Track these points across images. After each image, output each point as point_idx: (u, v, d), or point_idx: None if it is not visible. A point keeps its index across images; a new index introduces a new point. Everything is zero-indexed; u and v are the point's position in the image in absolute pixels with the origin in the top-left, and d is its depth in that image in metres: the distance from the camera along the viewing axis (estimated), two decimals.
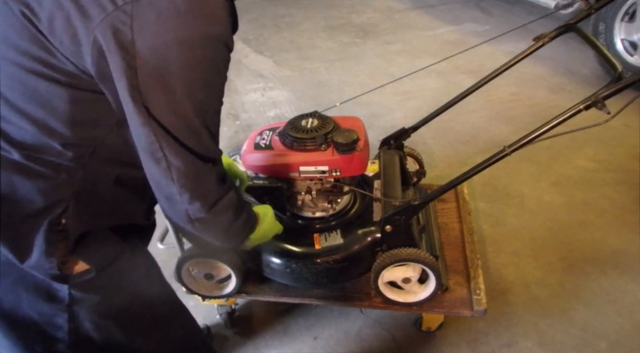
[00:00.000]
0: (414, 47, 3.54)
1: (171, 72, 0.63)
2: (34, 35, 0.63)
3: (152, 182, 0.74)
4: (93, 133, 0.72)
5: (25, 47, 0.64)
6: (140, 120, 0.65)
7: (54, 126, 0.69)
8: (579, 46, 3.25)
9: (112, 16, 0.59)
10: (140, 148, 0.70)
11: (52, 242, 0.70)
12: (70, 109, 0.68)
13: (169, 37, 0.61)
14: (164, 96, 0.65)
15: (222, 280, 1.43)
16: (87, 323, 0.78)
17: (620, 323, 1.61)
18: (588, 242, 1.92)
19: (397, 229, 1.34)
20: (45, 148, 0.69)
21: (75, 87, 0.66)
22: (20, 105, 0.68)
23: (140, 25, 0.59)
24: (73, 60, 0.64)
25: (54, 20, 0.62)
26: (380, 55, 3.45)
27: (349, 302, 1.44)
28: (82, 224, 0.74)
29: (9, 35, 0.66)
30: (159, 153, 0.68)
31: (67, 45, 0.63)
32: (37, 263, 0.71)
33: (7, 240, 0.71)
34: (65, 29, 0.62)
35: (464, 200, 1.76)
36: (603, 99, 1.12)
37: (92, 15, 0.60)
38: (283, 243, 1.39)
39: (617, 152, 2.39)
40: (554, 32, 1.48)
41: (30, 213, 0.70)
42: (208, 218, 0.78)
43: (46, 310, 0.76)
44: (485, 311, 1.37)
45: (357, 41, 3.68)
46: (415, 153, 1.79)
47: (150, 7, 0.59)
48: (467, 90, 1.59)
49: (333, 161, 1.27)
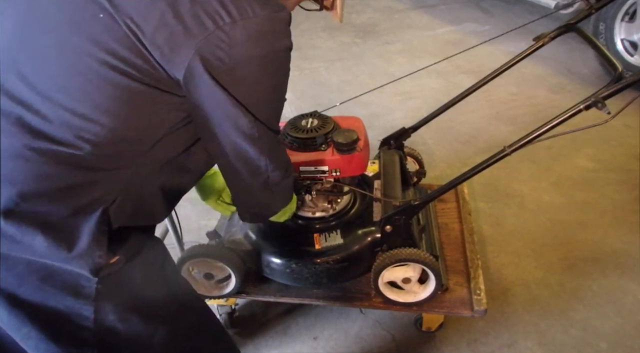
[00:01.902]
0: (414, 47, 3.54)
1: (259, 77, 0.80)
2: (133, 44, 0.71)
3: (240, 161, 0.88)
4: (153, 133, 0.80)
5: (117, 49, 0.71)
6: (238, 111, 0.80)
7: (120, 125, 0.76)
8: (580, 46, 3.25)
9: (213, 35, 0.71)
10: (236, 132, 0.83)
11: (101, 232, 0.76)
12: (142, 108, 0.77)
13: (257, 53, 0.76)
14: (255, 95, 0.82)
15: (222, 280, 1.43)
16: (111, 316, 0.82)
17: (620, 323, 1.61)
18: (588, 242, 1.92)
19: (397, 229, 1.34)
20: (108, 145, 0.76)
21: (154, 87, 0.75)
22: (94, 100, 0.74)
23: (235, 42, 0.73)
24: (166, 68, 0.73)
25: (157, 34, 0.71)
26: (380, 55, 3.45)
27: (349, 302, 1.44)
28: (121, 220, 0.80)
29: (98, 37, 0.71)
30: (256, 134, 0.85)
31: (166, 55, 0.72)
32: (84, 252, 0.75)
33: (55, 228, 0.74)
34: (168, 42, 0.71)
35: (464, 200, 1.76)
36: (603, 99, 1.12)
37: (195, 33, 0.71)
38: (283, 243, 1.39)
39: (617, 152, 2.39)
40: (554, 32, 1.48)
41: (84, 203, 0.75)
42: (282, 183, 0.97)
43: (73, 304, 0.80)
44: (485, 311, 1.37)
45: (357, 41, 3.68)
46: (415, 153, 1.79)
47: (243, 28, 0.73)
48: (467, 90, 1.59)
49: (333, 161, 1.27)
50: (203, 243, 1.43)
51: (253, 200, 1.01)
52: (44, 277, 0.78)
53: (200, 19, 0.71)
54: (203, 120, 0.82)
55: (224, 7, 0.71)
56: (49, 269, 0.77)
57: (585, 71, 3.10)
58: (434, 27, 3.83)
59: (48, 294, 0.79)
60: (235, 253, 1.39)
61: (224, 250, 1.39)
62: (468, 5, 4.19)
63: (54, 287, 0.78)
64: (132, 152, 0.79)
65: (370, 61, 3.37)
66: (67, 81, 0.73)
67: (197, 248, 1.38)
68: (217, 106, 0.79)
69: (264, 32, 0.75)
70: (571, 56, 3.25)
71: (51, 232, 0.73)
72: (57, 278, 0.78)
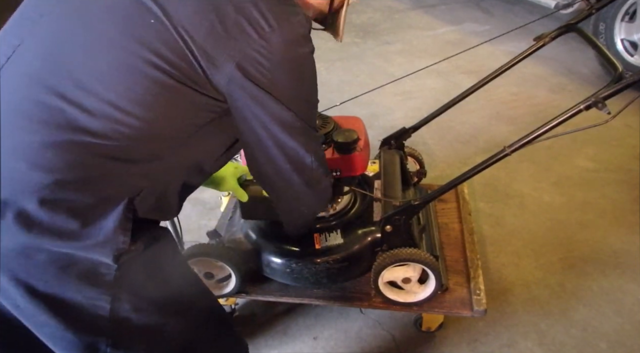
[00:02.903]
0: (414, 47, 3.54)
1: (295, 78, 0.88)
2: (181, 48, 0.77)
3: (287, 161, 0.94)
4: (183, 131, 0.85)
5: (163, 51, 0.76)
6: (281, 109, 0.86)
7: (155, 120, 0.81)
8: (580, 46, 3.24)
9: (255, 42, 0.79)
10: (283, 130, 0.89)
11: (127, 218, 0.81)
12: (176, 105, 0.81)
13: (291, 56, 0.84)
14: (293, 95, 0.89)
15: (222, 280, 1.43)
16: (126, 305, 0.86)
17: (620, 323, 1.61)
18: (588, 242, 1.92)
19: (397, 229, 1.34)
20: (142, 139, 0.81)
21: (192, 88, 0.80)
22: (134, 95, 0.78)
23: (273, 48, 0.80)
24: (208, 73, 0.79)
25: (206, 42, 0.77)
26: (380, 55, 3.45)
27: (348, 302, 1.44)
28: (141, 211, 0.85)
29: (147, 39, 0.77)
30: (301, 129, 0.91)
31: (212, 61, 0.78)
32: (110, 237, 0.80)
33: (85, 215, 0.78)
34: (214, 49, 0.78)
35: (464, 200, 1.76)
36: (603, 99, 1.12)
37: (239, 41, 0.78)
38: (283, 243, 1.39)
39: (617, 152, 2.39)
40: (554, 32, 1.48)
41: (114, 192, 0.80)
42: (324, 181, 1.03)
43: (91, 293, 0.83)
44: (485, 311, 1.36)
45: (357, 41, 3.68)
46: (416, 153, 1.79)
47: (279, 35, 0.80)
48: (468, 90, 1.59)
49: (333, 161, 1.27)
50: (203, 242, 1.43)
51: (298, 203, 1.07)
52: (63, 266, 0.80)
53: (243, 28, 0.78)
54: (249, 126, 0.88)
55: (263, 16, 0.79)
56: (70, 259, 0.80)
57: (586, 71, 3.10)
58: (434, 27, 3.83)
59: (67, 284, 0.82)
60: (235, 253, 1.39)
61: (225, 250, 1.39)
62: (468, 5, 4.19)
63: (73, 276, 0.81)
64: (164, 147, 0.84)
65: (370, 61, 3.37)
66: (111, 77, 0.78)
67: (198, 247, 1.38)
68: (261, 108, 0.85)
69: (297, 37, 0.83)
70: (571, 56, 3.25)
71: (81, 218, 0.78)
72: (77, 267, 0.81)
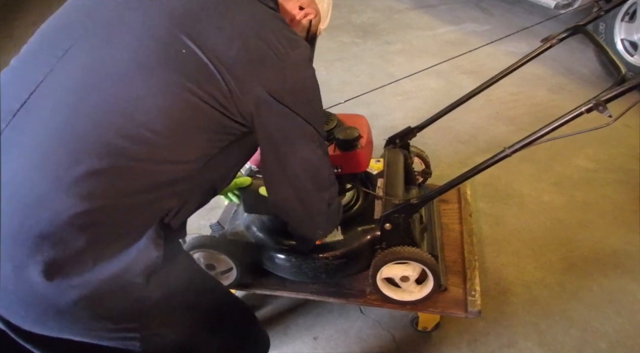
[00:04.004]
0: (414, 47, 3.54)
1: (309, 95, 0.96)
2: (212, 73, 0.82)
3: (311, 179, 0.99)
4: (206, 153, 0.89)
5: (194, 74, 0.82)
6: (306, 123, 0.94)
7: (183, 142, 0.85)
8: (580, 46, 3.24)
9: (275, 64, 0.87)
10: (309, 145, 0.96)
11: (160, 236, 0.85)
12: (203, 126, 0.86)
13: (303, 75, 0.93)
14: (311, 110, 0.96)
15: (224, 272, 1.45)
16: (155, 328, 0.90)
17: (620, 323, 1.61)
18: (588, 242, 1.92)
19: (396, 227, 1.34)
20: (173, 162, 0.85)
21: (219, 110, 0.85)
22: (167, 117, 0.82)
23: (291, 69, 0.89)
24: (234, 95, 0.84)
25: (234, 66, 0.83)
26: (380, 55, 3.45)
27: (344, 298, 1.45)
28: (175, 223, 0.91)
29: (180, 66, 0.81)
30: (323, 145, 1.00)
31: (240, 83, 0.84)
32: (143, 251, 0.83)
33: (122, 237, 0.81)
34: (243, 72, 0.84)
35: (466, 201, 1.76)
36: (605, 102, 1.11)
37: (262, 64, 0.86)
38: (284, 238, 1.39)
39: (617, 152, 2.39)
40: (562, 33, 1.47)
41: (149, 214, 0.84)
42: (335, 201, 1.08)
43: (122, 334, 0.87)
44: (479, 312, 1.37)
45: (357, 41, 3.68)
46: (424, 154, 1.80)
47: (294, 57, 0.89)
48: (473, 90, 1.58)
49: (334, 158, 1.27)
50: (206, 234, 1.46)
51: (314, 226, 1.10)
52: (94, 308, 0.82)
53: (265, 51, 0.86)
54: (274, 145, 0.94)
55: (279, 41, 0.88)
56: (100, 293, 0.81)
57: (585, 71, 3.10)
58: (434, 27, 3.83)
59: (99, 332, 0.85)
60: (236, 246, 1.40)
61: (226, 242, 1.41)
62: (468, 5, 4.19)
63: (103, 318, 0.84)
64: (190, 170, 0.88)
65: (370, 61, 3.37)
66: (147, 102, 0.81)
67: (200, 239, 1.40)
68: (288, 124, 0.92)
69: (305, 59, 0.93)
70: (571, 56, 3.25)
71: (121, 240, 0.81)
72: (108, 303, 0.82)
